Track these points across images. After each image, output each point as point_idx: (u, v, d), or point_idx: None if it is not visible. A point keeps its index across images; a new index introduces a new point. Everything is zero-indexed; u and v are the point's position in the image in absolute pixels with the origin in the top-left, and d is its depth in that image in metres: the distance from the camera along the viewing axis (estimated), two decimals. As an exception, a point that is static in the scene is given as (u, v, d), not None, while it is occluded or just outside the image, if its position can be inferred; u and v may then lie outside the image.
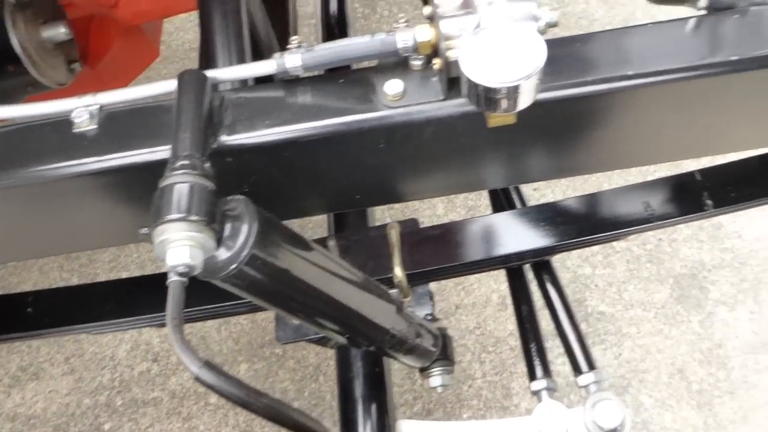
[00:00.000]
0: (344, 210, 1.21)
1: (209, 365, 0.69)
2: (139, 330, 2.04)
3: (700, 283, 2.04)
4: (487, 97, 0.63)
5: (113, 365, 2.00)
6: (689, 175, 1.14)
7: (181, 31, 2.88)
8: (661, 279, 2.05)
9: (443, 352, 1.13)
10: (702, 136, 0.89)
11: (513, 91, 0.62)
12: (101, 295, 1.18)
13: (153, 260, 2.16)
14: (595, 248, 2.12)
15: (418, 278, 1.15)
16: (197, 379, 0.69)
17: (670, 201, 1.13)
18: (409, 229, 1.19)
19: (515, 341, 1.98)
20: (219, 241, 0.70)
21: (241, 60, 0.98)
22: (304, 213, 0.92)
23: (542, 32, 0.73)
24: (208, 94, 0.77)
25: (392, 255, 1.12)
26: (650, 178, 1.18)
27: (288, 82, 0.81)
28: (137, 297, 1.17)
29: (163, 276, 0.70)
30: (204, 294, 0.98)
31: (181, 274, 0.66)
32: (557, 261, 2.10)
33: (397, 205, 2.23)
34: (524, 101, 0.64)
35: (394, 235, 1.14)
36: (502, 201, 1.33)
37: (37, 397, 1.98)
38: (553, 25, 0.73)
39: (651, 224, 1.12)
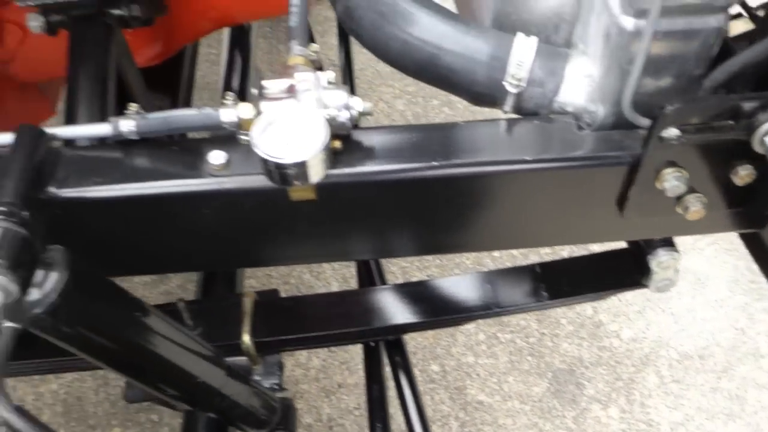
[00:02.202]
0: (179, 271, 1.24)
1: (21, 410, 0.71)
2: None
3: (577, 378, 2.11)
4: (279, 173, 0.69)
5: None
6: (530, 268, 1.22)
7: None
8: (541, 372, 2.12)
9: (284, 423, 1.15)
10: (517, 228, 0.97)
11: (301, 167, 0.69)
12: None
13: None
14: (480, 337, 2.18)
15: (268, 347, 1.18)
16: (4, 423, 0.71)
17: (511, 291, 1.20)
18: (267, 299, 1.23)
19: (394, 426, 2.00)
20: (28, 286, 0.73)
21: (103, 116, 1.03)
22: (136, 270, 0.95)
23: (356, 120, 0.81)
24: (41, 149, 0.82)
25: (242, 322, 1.15)
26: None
27: (126, 144, 0.86)
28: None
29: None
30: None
31: (-25, 312, 0.68)
32: (443, 347, 2.16)
33: (290, 282, 2.27)
34: (314, 176, 0.70)
35: (247, 303, 1.18)
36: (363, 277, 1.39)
37: None
38: (366, 113, 0.81)
39: (491, 311, 1.18)
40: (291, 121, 0.70)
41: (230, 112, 0.81)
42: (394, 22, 0.93)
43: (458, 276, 1.24)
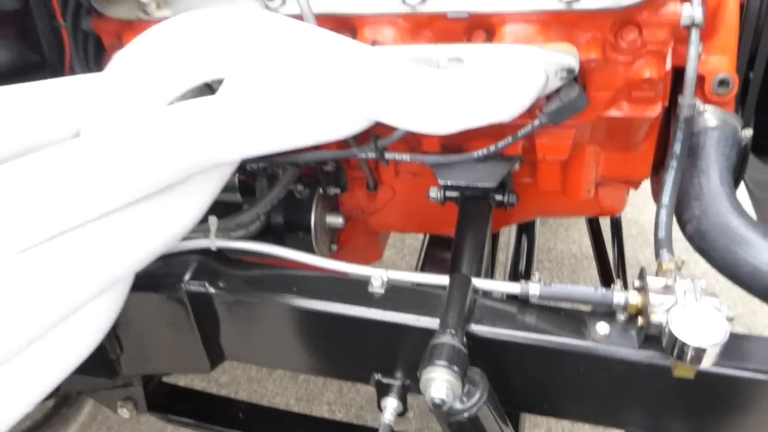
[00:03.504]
0: (528, 411, 1.44)
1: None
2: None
3: None
4: (680, 351, 0.91)
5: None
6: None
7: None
8: None
9: None
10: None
11: (701, 352, 0.89)
12: (302, 427, 1.46)
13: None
14: None
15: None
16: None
17: None
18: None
19: None
20: (460, 394, 0.98)
21: (478, 274, 1.30)
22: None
23: (722, 322, 1.01)
24: (470, 293, 1.10)
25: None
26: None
27: (521, 301, 1.12)
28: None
29: (354, 427, 0.98)
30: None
31: (435, 405, 0.94)
32: None
33: None
34: (706, 363, 0.91)
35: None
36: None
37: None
38: (730, 318, 1.01)
39: None
40: (700, 317, 0.92)
41: (621, 296, 1.04)
42: (745, 251, 1.14)
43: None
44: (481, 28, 1.10)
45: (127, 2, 1.20)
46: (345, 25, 1.14)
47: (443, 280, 1.13)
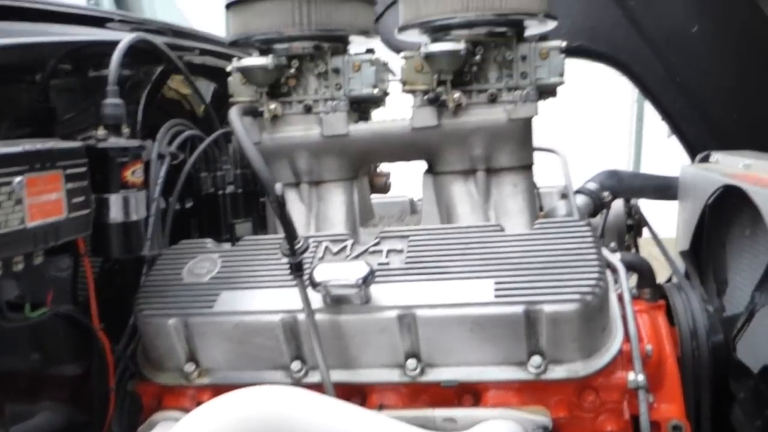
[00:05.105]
0: None
1: None
2: None
3: None
4: None
5: None
6: None
7: None
8: None
9: None
10: None
11: None
12: None
13: None
14: None
15: None
16: None
17: None
18: None
19: None
20: None
21: None
22: None
23: None
24: None
25: None
26: None
27: None
28: None
29: None
30: None
31: None
32: None
33: None
34: None
35: None
36: None
37: None
38: None
39: None
40: None
41: None
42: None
43: None
44: (469, 393, 1.33)
45: (173, 371, 1.44)
46: (357, 391, 1.37)
47: None
